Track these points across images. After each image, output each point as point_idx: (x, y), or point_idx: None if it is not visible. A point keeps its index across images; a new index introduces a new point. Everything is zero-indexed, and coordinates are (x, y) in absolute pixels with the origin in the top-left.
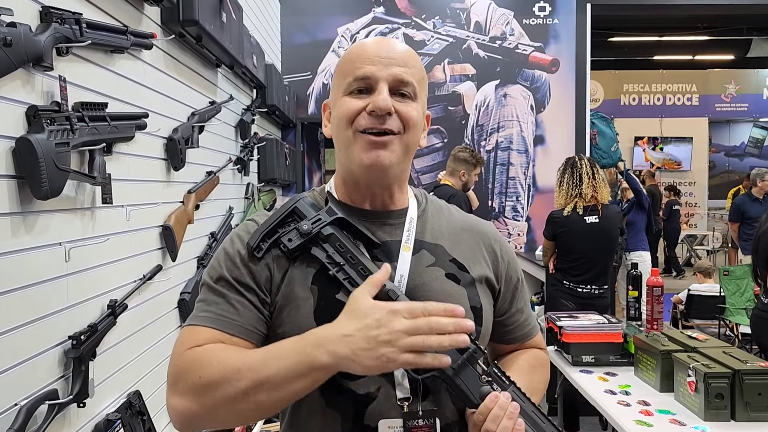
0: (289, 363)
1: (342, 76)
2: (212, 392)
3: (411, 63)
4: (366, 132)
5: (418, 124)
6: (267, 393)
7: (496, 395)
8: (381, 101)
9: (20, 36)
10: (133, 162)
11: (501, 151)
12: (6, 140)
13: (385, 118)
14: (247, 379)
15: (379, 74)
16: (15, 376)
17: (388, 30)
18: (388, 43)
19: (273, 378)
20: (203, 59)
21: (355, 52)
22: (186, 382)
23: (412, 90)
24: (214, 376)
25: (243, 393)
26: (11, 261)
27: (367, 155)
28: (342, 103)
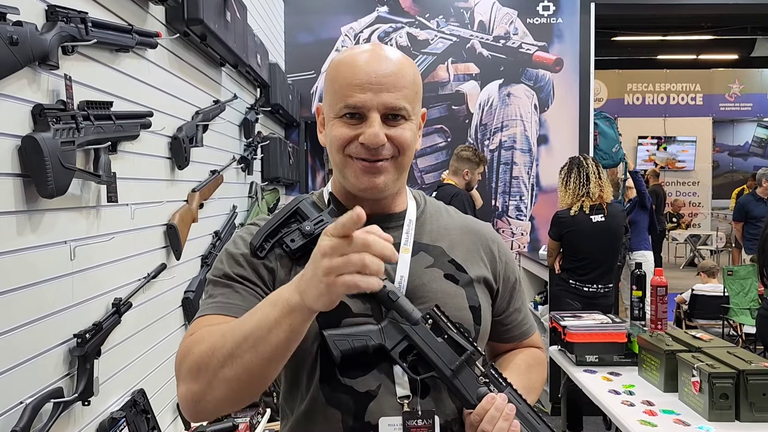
0: (262, 312)
1: (333, 95)
2: (205, 365)
3: (403, 82)
4: (357, 159)
5: (412, 144)
6: (252, 351)
7: (493, 396)
8: (372, 137)
9: (26, 35)
10: (137, 161)
11: (504, 150)
12: (12, 139)
13: (377, 150)
14: (230, 342)
15: (370, 103)
16: (20, 374)
17: (392, 29)
18: (380, 60)
19: (252, 332)
20: (207, 58)
21: (347, 72)
22: (184, 365)
23: (405, 112)
24: (203, 349)
25: (229, 356)
26: (17, 259)
27: (361, 181)
28: (334, 127)
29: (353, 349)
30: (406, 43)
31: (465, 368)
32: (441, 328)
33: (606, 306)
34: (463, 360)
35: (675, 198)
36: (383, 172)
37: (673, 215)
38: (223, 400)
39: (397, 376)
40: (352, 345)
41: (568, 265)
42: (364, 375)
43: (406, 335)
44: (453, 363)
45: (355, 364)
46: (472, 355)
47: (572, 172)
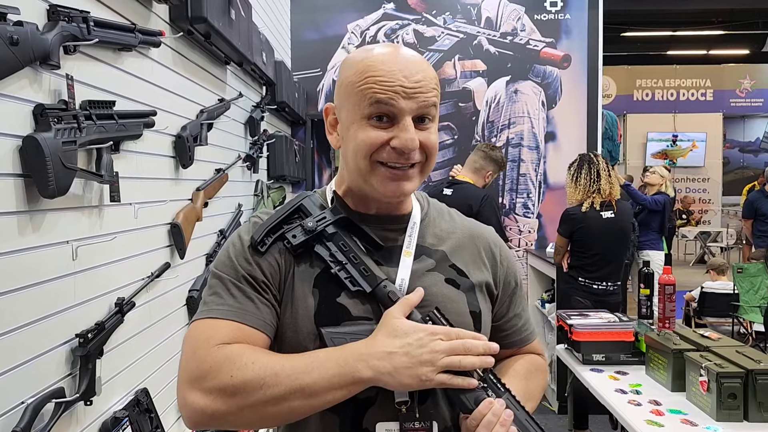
0: (331, 374)
1: (358, 94)
2: (245, 394)
3: (432, 85)
4: (387, 164)
5: (436, 149)
6: (303, 400)
7: (491, 401)
8: (410, 142)
9: (27, 35)
10: (141, 160)
11: (512, 147)
12: (13, 139)
13: (410, 154)
14: (284, 385)
15: (405, 107)
16: (22, 374)
17: (399, 26)
18: (406, 63)
19: (312, 386)
20: (212, 57)
21: (375, 73)
22: (216, 380)
23: (433, 113)
24: (249, 378)
25: (279, 398)
26: (18, 259)
27: (388, 188)
28: (360, 130)
29: None
30: (413, 40)
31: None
32: None
33: (615, 303)
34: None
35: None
36: (410, 179)
37: (683, 212)
38: (244, 425)
39: None
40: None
41: (577, 262)
42: None
43: None
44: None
45: None
46: None
47: (582, 169)
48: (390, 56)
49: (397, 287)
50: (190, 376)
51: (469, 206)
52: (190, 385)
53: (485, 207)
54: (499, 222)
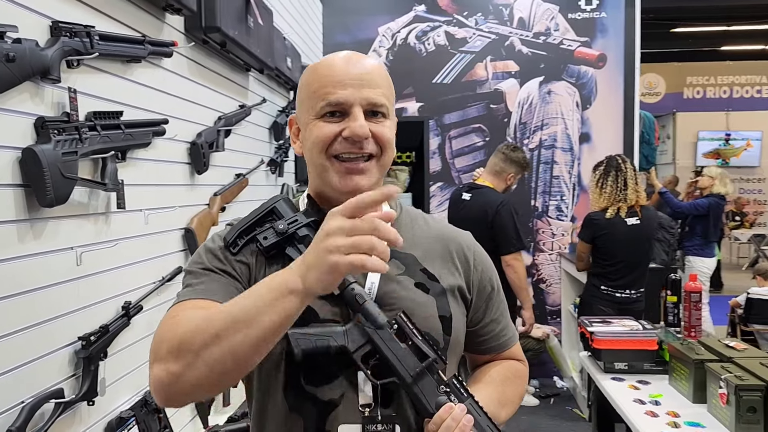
0: (256, 295)
1: (312, 96)
2: (187, 345)
3: (382, 82)
4: (341, 158)
5: (392, 143)
6: (241, 332)
7: (451, 406)
8: (358, 128)
9: (25, 51)
10: (155, 167)
11: (545, 149)
12: (13, 151)
13: (362, 143)
14: (218, 321)
15: (352, 98)
16: (23, 375)
17: (430, 28)
18: (357, 61)
19: (244, 312)
20: (233, 64)
21: (325, 73)
22: (163, 345)
23: (385, 109)
24: (186, 328)
25: (216, 336)
26: (19, 265)
27: (344, 182)
28: (315, 127)
29: (315, 348)
30: (444, 42)
31: (426, 376)
32: (406, 335)
33: (638, 312)
34: (424, 367)
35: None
36: (366, 173)
37: (736, 213)
38: (202, 381)
39: (361, 385)
40: (315, 344)
41: (600, 270)
42: (328, 383)
43: (369, 339)
44: (414, 369)
45: (320, 373)
46: (434, 362)
47: (609, 176)
48: (339, 57)
49: (366, 290)
50: (150, 355)
51: (484, 212)
52: (151, 363)
53: (500, 213)
54: (515, 228)
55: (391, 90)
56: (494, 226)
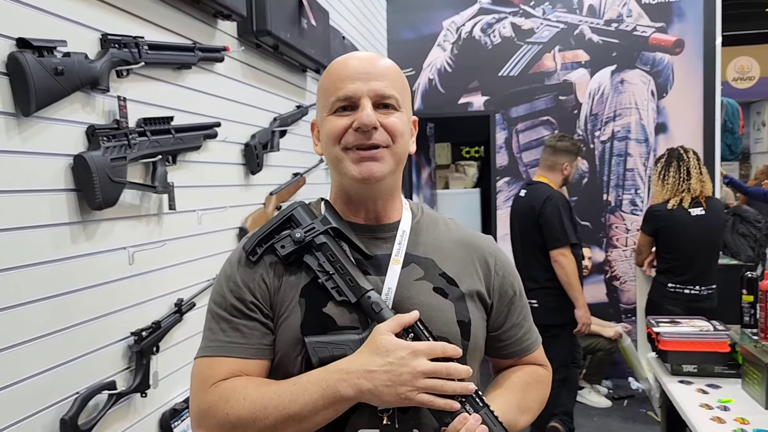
0: (315, 397)
1: (325, 95)
2: (241, 429)
3: (391, 75)
4: (354, 148)
5: (404, 133)
6: (294, 426)
7: (465, 417)
8: (365, 117)
9: (73, 64)
10: (207, 168)
11: (617, 141)
12: (65, 158)
13: (371, 133)
14: (274, 417)
15: (360, 91)
16: (78, 368)
17: (495, 20)
18: (367, 58)
19: (299, 412)
20: (289, 65)
21: (336, 72)
22: (214, 419)
23: (394, 101)
24: (242, 414)
25: (271, 427)
26: (73, 264)
27: (359, 169)
28: (328, 122)
29: (332, 356)
30: (510, 33)
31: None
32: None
33: (709, 310)
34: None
35: None
36: (379, 160)
37: None
38: None
39: None
40: (331, 353)
41: (664, 265)
42: None
43: None
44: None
45: None
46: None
47: (671, 166)
48: (348, 57)
49: (383, 296)
50: (193, 416)
51: (532, 207)
52: (195, 424)
53: (546, 208)
54: (561, 223)
55: (401, 84)
56: (540, 221)
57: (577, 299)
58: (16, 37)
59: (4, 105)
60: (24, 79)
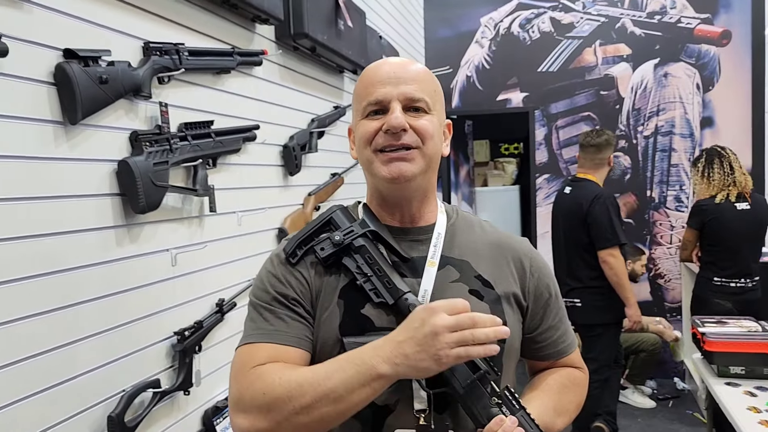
0: (350, 374)
1: (358, 100)
2: (277, 408)
3: (422, 79)
4: (384, 150)
5: (435, 135)
6: (330, 405)
7: (502, 419)
8: (394, 120)
9: (117, 73)
10: (246, 170)
11: (661, 136)
12: (110, 163)
13: (400, 135)
14: (310, 394)
15: (390, 95)
16: (124, 366)
17: (534, 15)
18: (399, 63)
19: (335, 390)
20: (326, 66)
21: (368, 77)
22: (251, 401)
23: (424, 104)
24: (278, 393)
25: (307, 407)
26: (118, 266)
27: (388, 169)
28: (360, 126)
29: None
30: (549, 28)
31: (478, 387)
32: None
33: (754, 301)
34: (476, 378)
35: None
36: (409, 160)
37: None
38: None
39: (416, 390)
40: None
41: (710, 258)
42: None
43: None
44: (466, 381)
45: None
46: (486, 374)
47: (713, 164)
48: (383, 62)
49: (420, 298)
50: (232, 401)
51: (579, 205)
52: (234, 409)
53: (595, 207)
54: (610, 222)
55: (432, 88)
56: (588, 220)
57: (628, 298)
58: (62, 48)
59: (52, 114)
60: (71, 88)
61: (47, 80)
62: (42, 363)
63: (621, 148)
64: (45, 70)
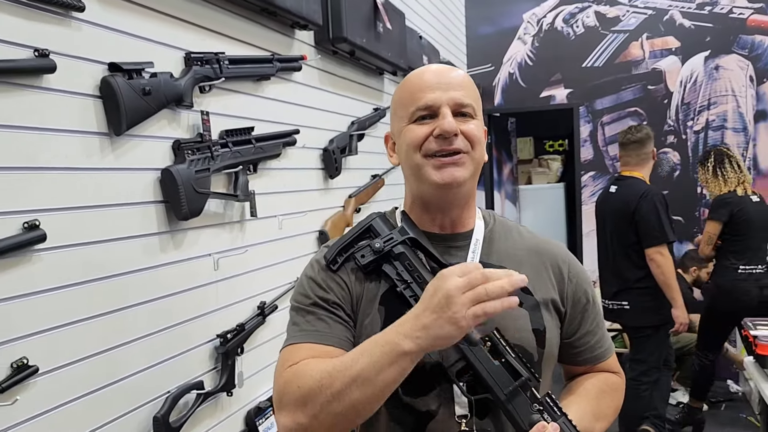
0: (375, 356)
1: (403, 106)
2: (312, 400)
3: (467, 85)
4: (435, 155)
5: (482, 140)
6: (359, 389)
7: (544, 425)
8: (447, 124)
9: (159, 84)
10: (287, 175)
11: (712, 131)
12: (154, 172)
13: (452, 140)
14: (339, 380)
15: (440, 100)
16: (168, 368)
17: (578, 9)
18: (442, 70)
19: (362, 373)
20: (365, 69)
21: (414, 83)
22: (288, 396)
23: (471, 110)
24: (310, 384)
25: (338, 393)
26: (163, 272)
27: (441, 175)
28: (408, 131)
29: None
30: (594, 23)
31: (519, 394)
32: (499, 352)
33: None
34: (518, 385)
35: None
36: (460, 165)
37: None
38: (327, 430)
39: (457, 396)
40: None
41: (733, 247)
42: (425, 395)
43: (463, 355)
44: (507, 387)
45: (417, 385)
46: (527, 381)
47: (724, 163)
48: (425, 69)
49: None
50: (274, 400)
51: (626, 203)
52: (276, 408)
53: (642, 204)
54: (658, 220)
55: (475, 94)
56: (635, 218)
57: (675, 299)
58: (108, 62)
59: (98, 126)
60: (115, 101)
61: (93, 93)
62: (91, 365)
63: (670, 143)
64: (91, 83)
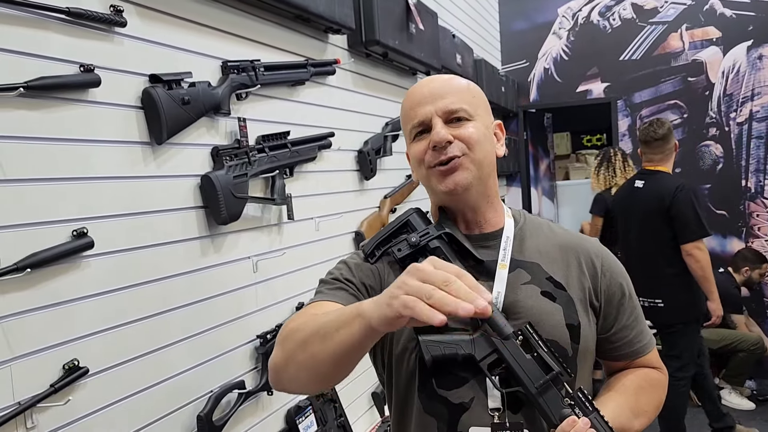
0: (343, 314)
1: (404, 126)
2: (289, 340)
3: (456, 90)
4: (435, 166)
5: (481, 140)
6: (319, 342)
7: (574, 420)
8: (436, 135)
9: (198, 93)
10: (322, 177)
11: (756, 122)
12: (194, 178)
13: (445, 148)
14: (308, 329)
15: (430, 112)
16: (211, 369)
17: (614, 2)
18: (431, 81)
19: (325, 326)
20: (398, 69)
21: (409, 101)
22: (280, 334)
23: (464, 113)
24: (292, 326)
25: (303, 342)
26: (204, 275)
27: (444, 183)
28: (411, 149)
29: (444, 355)
30: (631, 15)
31: (551, 388)
32: (531, 346)
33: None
34: (549, 379)
35: None
36: (460, 169)
37: None
38: (294, 378)
39: (490, 389)
40: (443, 351)
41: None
42: (458, 387)
43: (495, 348)
44: (539, 381)
45: (450, 378)
46: (559, 375)
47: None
48: (416, 86)
49: (493, 300)
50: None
51: (660, 199)
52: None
53: (678, 198)
54: (696, 215)
55: (470, 95)
56: (671, 213)
57: (712, 292)
58: (148, 74)
59: (141, 135)
60: (156, 111)
61: (135, 104)
62: (137, 366)
63: (712, 136)
64: (133, 95)
